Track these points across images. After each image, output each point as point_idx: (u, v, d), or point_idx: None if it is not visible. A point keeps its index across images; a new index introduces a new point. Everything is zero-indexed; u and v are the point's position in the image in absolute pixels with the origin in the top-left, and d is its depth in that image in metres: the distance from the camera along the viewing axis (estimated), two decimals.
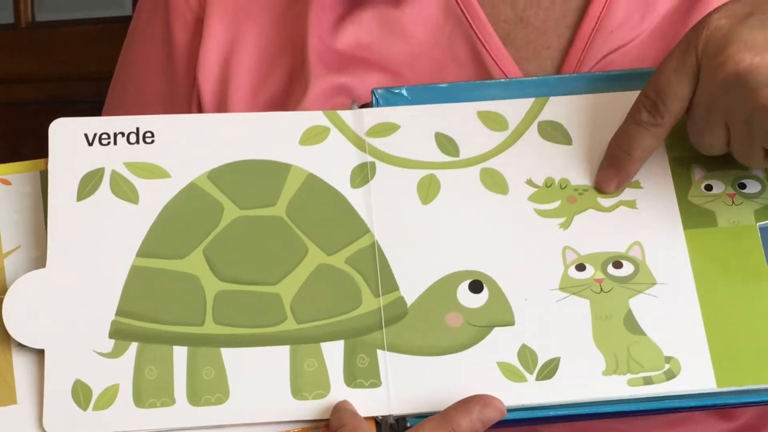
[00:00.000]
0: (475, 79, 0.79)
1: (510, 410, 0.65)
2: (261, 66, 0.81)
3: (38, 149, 0.72)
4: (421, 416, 0.65)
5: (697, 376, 0.66)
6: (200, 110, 0.82)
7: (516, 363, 0.66)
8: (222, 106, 0.81)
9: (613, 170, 0.70)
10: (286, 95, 0.80)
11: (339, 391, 0.66)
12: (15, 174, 0.71)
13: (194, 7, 0.82)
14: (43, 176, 0.71)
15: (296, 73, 0.80)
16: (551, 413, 0.66)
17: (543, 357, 0.67)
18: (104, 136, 0.71)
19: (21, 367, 0.66)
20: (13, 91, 1.89)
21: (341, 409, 0.65)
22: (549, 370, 0.66)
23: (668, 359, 0.66)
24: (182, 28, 0.83)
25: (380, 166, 0.71)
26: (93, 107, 0.72)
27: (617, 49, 0.77)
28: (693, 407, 0.66)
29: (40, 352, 0.66)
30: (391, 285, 0.68)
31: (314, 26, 0.79)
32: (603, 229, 0.70)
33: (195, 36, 0.82)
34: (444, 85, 0.74)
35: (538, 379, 0.66)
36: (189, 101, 0.82)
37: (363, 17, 0.79)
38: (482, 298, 0.68)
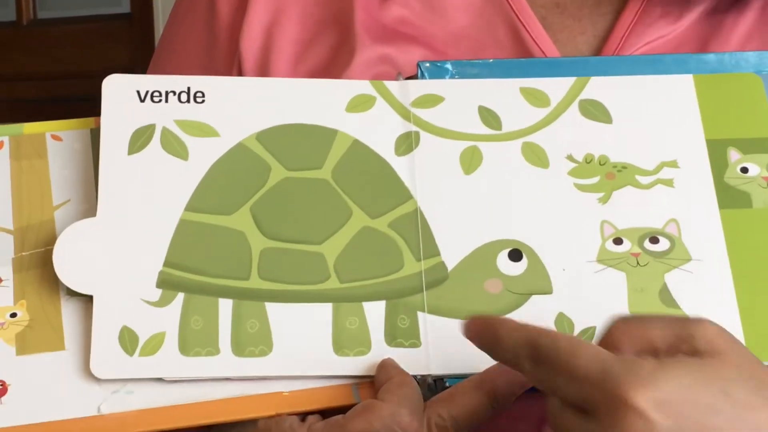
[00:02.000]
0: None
1: None
2: (304, 37, 0.82)
3: None
4: (459, 377, 0.66)
5: None
6: None
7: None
8: (263, 75, 0.82)
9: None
10: (330, 65, 0.81)
11: (379, 350, 0.67)
12: (66, 131, 0.73)
13: None
14: (94, 134, 0.72)
15: (340, 45, 0.81)
16: None
17: (580, 325, 0.68)
18: (156, 93, 0.72)
19: (69, 315, 0.67)
20: (15, 89, 1.91)
21: (387, 364, 0.66)
22: (585, 338, 0.67)
23: None
24: (227, 1, 0.84)
25: (424, 135, 0.73)
26: (93, 104, 0.74)
27: (655, 40, 0.79)
28: None
29: (88, 301, 0.67)
30: (432, 250, 0.70)
31: (360, 1, 0.81)
32: (640, 205, 0.71)
33: (239, 9, 0.84)
34: (488, 61, 0.75)
35: None
36: (229, 74, 0.84)
37: None
38: (521, 266, 0.69)
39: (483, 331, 0.61)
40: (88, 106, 0.87)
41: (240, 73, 0.83)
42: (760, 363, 0.58)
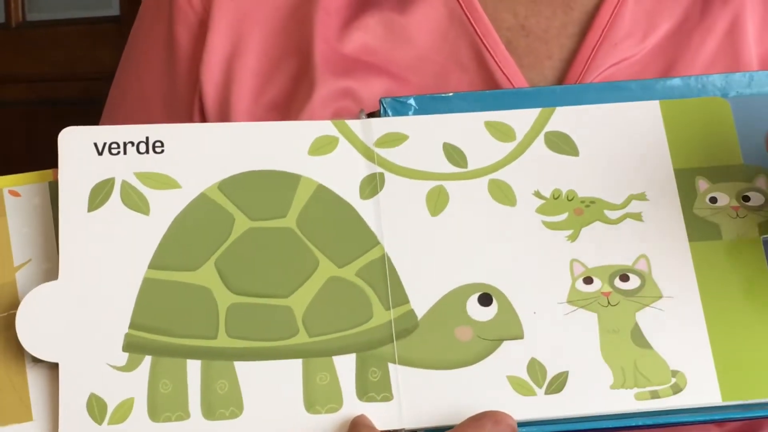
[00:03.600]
0: (479, 84, 0.79)
1: (520, 425, 0.66)
2: (264, 68, 0.81)
3: (28, 149, 0.73)
4: (432, 430, 0.66)
5: (703, 390, 0.67)
6: (202, 112, 0.82)
7: (525, 377, 0.67)
8: (224, 107, 0.81)
9: None
10: (290, 98, 0.80)
11: (351, 405, 0.67)
12: (24, 185, 0.71)
13: (198, 9, 0.82)
14: (52, 187, 0.71)
15: (301, 77, 0.80)
16: (560, 428, 0.67)
17: (552, 371, 0.68)
18: (114, 145, 0.71)
19: (36, 383, 0.66)
20: (2, 91, 1.89)
21: (359, 423, 0.65)
22: (558, 383, 0.67)
23: (674, 373, 0.68)
24: (186, 30, 0.83)
25: (389, 177, 0.72)
26: (82, 107, 0.72)
27: (620, 62, 0.78)
28: (699, 421, 0.67)
29: (54, 367, 0.66)
30: (401, 298, 0.69)
31: (320, 30, 0.80)
32: (610, 241, 0.71)
33: (198, 39, 0.82)
34: (451, 95, 0.74)
35: (547, 393, 0.67)
36: (190, 104, 0.82)
37: (368, 22, 0.80)
38: (491, 311, 0.69)
39: None
40: (77, 109, 0.86)
41: (201, 105, 0.82)
42: None
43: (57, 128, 0.71)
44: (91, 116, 0.84)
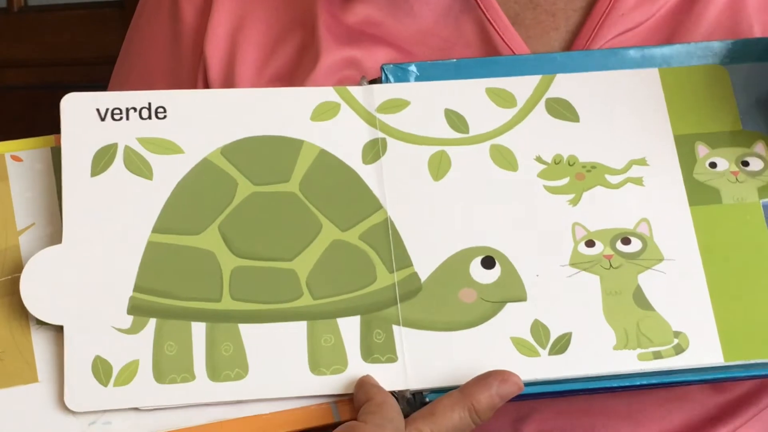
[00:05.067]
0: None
1: (524, 384, 0.66)
2: (269, 40, 0.81)
3: (30, 133, 0.72)
4: (437, 391, 0.66)
5: (705, 351, 0.68)
6: (206, 85, 0.82)
7: (529, 338, 0.68)
8: (228, 79, 0.81)
9: None
10: (294, 69, 0.80)
11: (356, 367, 0.67)
12: (26, 150, 0.71)
13: None
14: (55, 153, 0.71)
15: (305, 48, 0.80)
16: (564, 387, 0.67)
17: (555, 332, 0.68)
18: (116, 111, 0.71)
19: (40, 345, 0.66)
20: (5, 76, 1.88)
21: (366, 383, 0.65)
22: (561, 344, 0.68)
23: (677, 334, 0.68)
24: (191, 6, 0.83)
25: (391, 142, 0.72)
26: (84, 92, 0.72)
27: (624, 32, 0.79)
28: (702, 381, 0.68)
29: (59, 330, 0.66)
30: (404, 261, 0.69)
31: (323, 2, 0.80)
32: (611, 205, 0.71)
33: (203, 13, 0.82)
34: (453, 62, 0.74)
35: (550, 353, 0.67)
36: (194, 79, 0.82)
37: None
38: (495, 273, 0.69)
39: None
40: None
41: (205, 77, 0.82)
42: None
43: (59, 113, 0.71)
44: None
